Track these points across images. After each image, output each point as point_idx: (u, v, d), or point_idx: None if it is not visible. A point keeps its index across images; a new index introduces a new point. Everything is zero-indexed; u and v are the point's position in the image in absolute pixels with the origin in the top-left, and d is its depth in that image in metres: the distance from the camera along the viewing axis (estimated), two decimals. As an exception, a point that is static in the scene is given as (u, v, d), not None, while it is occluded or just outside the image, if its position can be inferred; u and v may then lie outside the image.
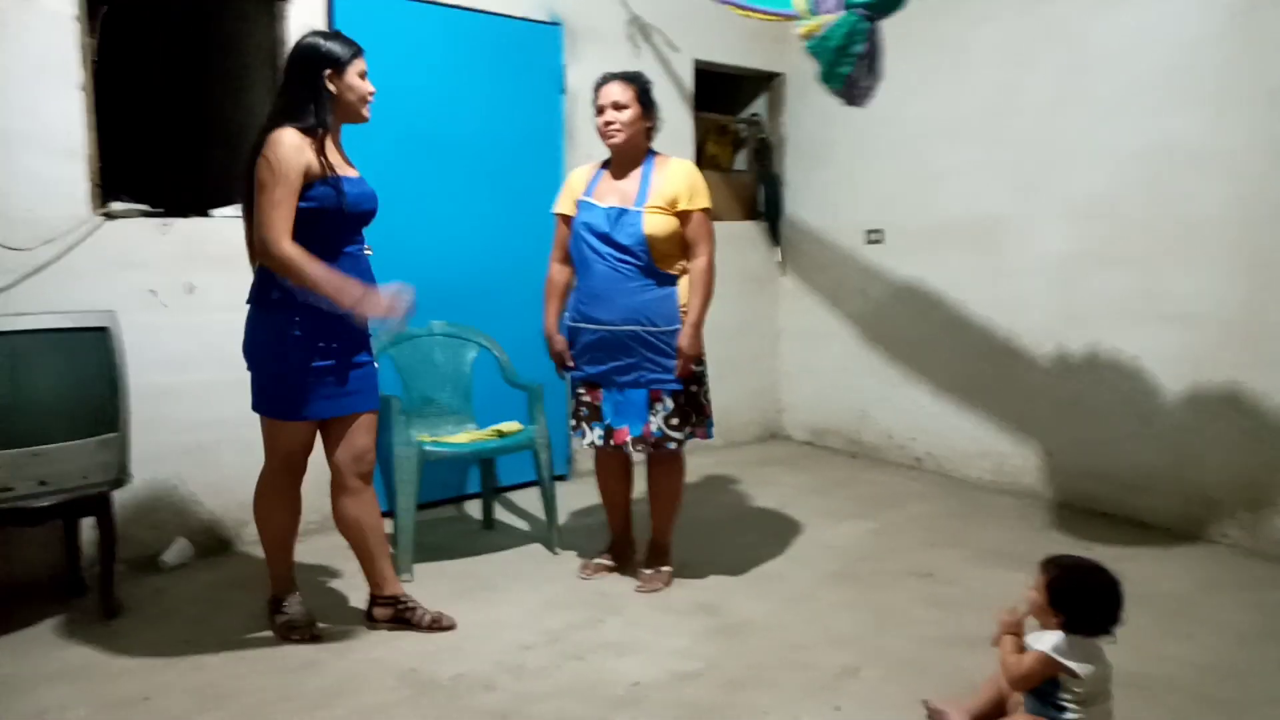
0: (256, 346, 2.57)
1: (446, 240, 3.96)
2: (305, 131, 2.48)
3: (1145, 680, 2.43)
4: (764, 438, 5.39)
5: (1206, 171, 3.47)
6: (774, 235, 5.30)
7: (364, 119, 2.65)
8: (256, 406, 2.63)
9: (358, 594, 2.98)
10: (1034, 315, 4.09)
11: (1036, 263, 4.06)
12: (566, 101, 4.29)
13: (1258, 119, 3.33)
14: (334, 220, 2.53)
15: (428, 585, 3.08)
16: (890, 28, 3.10)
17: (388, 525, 3.30)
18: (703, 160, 5.08)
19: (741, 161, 5.43)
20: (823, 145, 5.03)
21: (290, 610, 2.76)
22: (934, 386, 4.58)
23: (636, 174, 3.00)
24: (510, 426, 3.47)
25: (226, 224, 3.35)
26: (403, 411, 3.25)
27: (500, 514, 3.93)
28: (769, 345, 5.36)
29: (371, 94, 2.62)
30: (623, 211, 2.93)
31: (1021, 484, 4.20)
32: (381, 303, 2.48)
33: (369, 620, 2.83)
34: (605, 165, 3.09)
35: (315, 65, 2.52)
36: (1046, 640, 2.01)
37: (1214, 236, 3.47)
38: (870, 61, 3.17)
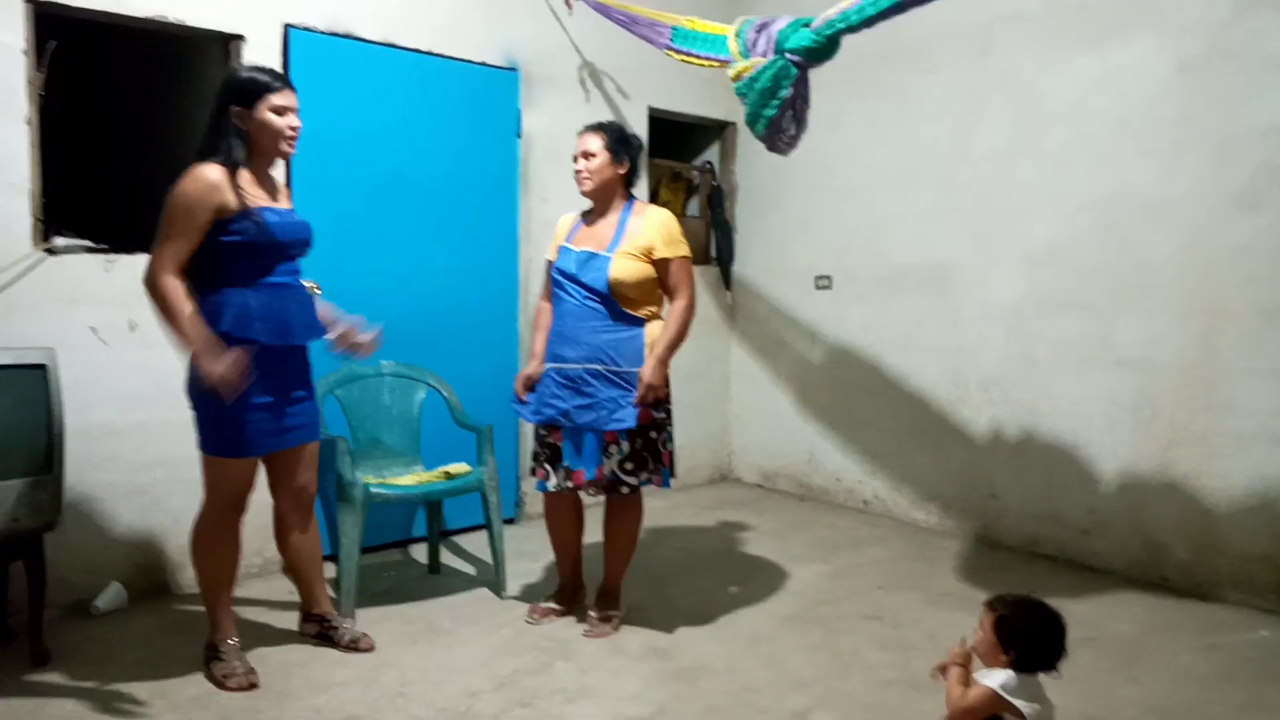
0: (196, 385, 2.52)
1: (399, 280, 3.94)
2: (224, 166, 2.47)
3: (1090, 721, 2.45)
4: (715, 480, 5.40)
5: (1158, 220, 3.58)
6: (725, 280, 5.36)
7: (283, 154, 2.63)
8: (202, 445, 2.59)
9: (297, 643, 2.91)
10: (985, 360, 4.17)
11: (987, 309, 4.15)
12: (522, 146, 4.32)
13: (1207, 169, 3.45)
14: (258, 252, 2.52)
15: (372, 630, 3.00)
16: (840, 76, 3.18)
17: (331, 568, 3.24)
18: (656, 205, 5.14)
19: (694, 207, 5.51)
20: (773, 192, 5.12)
21: (227, 657, 2.68)
22: (882, 430, 4.63)
23: (614, 220, 3.04)
24: (458, 468, 3.44)
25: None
26: (349, 453, 3.20)
27: (447, 558, 3.86)
28: (720, 388, 5.40)
29: (292, 129, 2.58)
30: (593, 255, 2.97)
31: (967, 528, 4.25)
32: (216, 369, 2.37)
33: (299, 632, 2.98)
34: (587, 213, 3.14)
35: (224, 100, 2.52)
36: (994, 678, 2.02)
37: (1165, 283, 3.57)
38: (796, 109, 3.24)
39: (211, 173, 2.44)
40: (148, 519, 3.34)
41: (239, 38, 3.50)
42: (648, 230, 2.99)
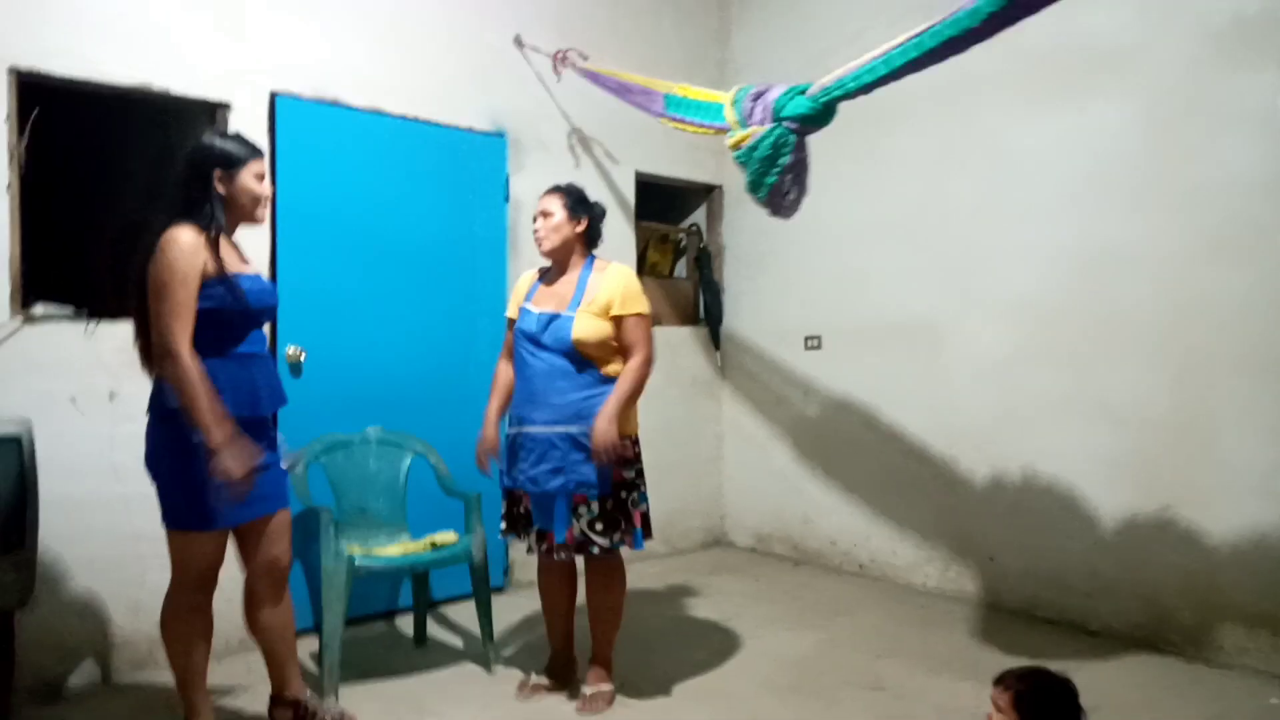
0: (159, 458, 2.44)
1: (386, 346, 3.90)
2: (200, 230, 2.41)
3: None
4: (708, 544, 5.30)
5: (1131, 272, 3.61)
6: (714, 341, 5.34)
7: (256, 221, 2.59)
8: (167, 520, 2.46)
9: (280, 721, 2.79)
10: (970, 417, 4.14)
11: (971, 364, 4.14)
12: (510, 210, 4.32)
13: (1176, 221, 3.48)
14: (230, 319, 2.45)
15: (356, 707, 2.89)
16: (824, 137, 3.19)
17: (314, 642, 3.14)
18: (644, 268, 5.15)
19: (682, 269, 5.51)
20: (760, 254, 5.13)
21: None
22: (875, 492, 4.57)
23: (574, 279, 3.01)
24: (445, 537, 3.35)
25: (155, 328, 3.24)
26: (334, 522, 3.12)
27: (435, 630, 3.75)
28: (712, 450, 5.34)
29: (266, 197, 2.56)
30: (555, 316, 2.94)
31: (966, 590, 4.17)
32: (238, 468, 2.30)
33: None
34: (546, 272, 3.11)
35: (206, 165, 2.48)
36: (1006, 752, 1.95)
37: (1141, 335, 3.58)
38: (796, 174, 3.25)
39: (192, 235, 2.38)
40: (125, 594, 3.23)
41: (226, 106, 3.50)
42: (606, 287, 2.95)
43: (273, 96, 3.60)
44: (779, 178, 3.23)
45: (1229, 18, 3.35)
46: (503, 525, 3.08)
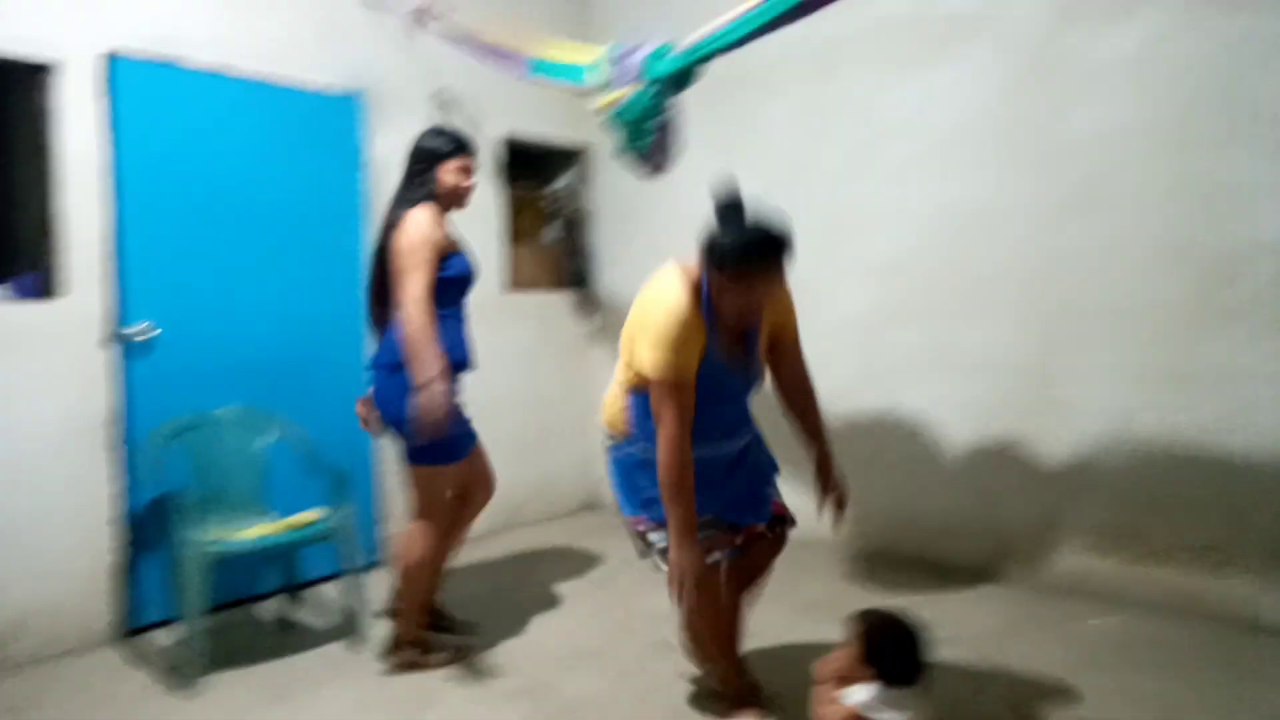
0: (398, 405, 2.80)
1: (239, 319, 3.72)
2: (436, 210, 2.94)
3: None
4: (584, 507, 5.33)
5: (988, 231, 3.77)
6: (586, 305, 5.32)
7: (460, 207, 3.07)
8: (415, 459, 2.89)
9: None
10: (838, 373, 4.25)
11: (838, 323, 4.25)
12: (370, 174, 4.17)
13: (1030, 181, 3.65)
14: (458, 286, 2.98)
15: (225, 697, 2.80)
16: (693, 100, 3.20)
17: (174, 631, 3.01)
18: (514, 231, 5.06)
19: (552, 233, 5.45)
20: (631, 216, 5.13)
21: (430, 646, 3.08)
22: (748, 448, 4.67)
23: None
24: (309, 516, 3.24)
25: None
26: (190, 506, 2.99)
27: (305, 611, 3.65)
28: (584, 415, 5.34)
29: (464, 188, 3.03)
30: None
31: (834, 535, 4.32)
32: (438, 407, 2.71)
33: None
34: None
35: (423, 159, 3.00)
36: (856, 695, 2.04)
37: (997, 291, 3.76)
38: (666, 135, 3.25)
39: (429, 214, 2.90)
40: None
41: (52, 67, 3.24)
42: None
43: (108, 56, 3.35)
44: (649, 139, 3.23)
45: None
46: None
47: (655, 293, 2.40)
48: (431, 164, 2.97)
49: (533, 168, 5.35)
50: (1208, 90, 3.25)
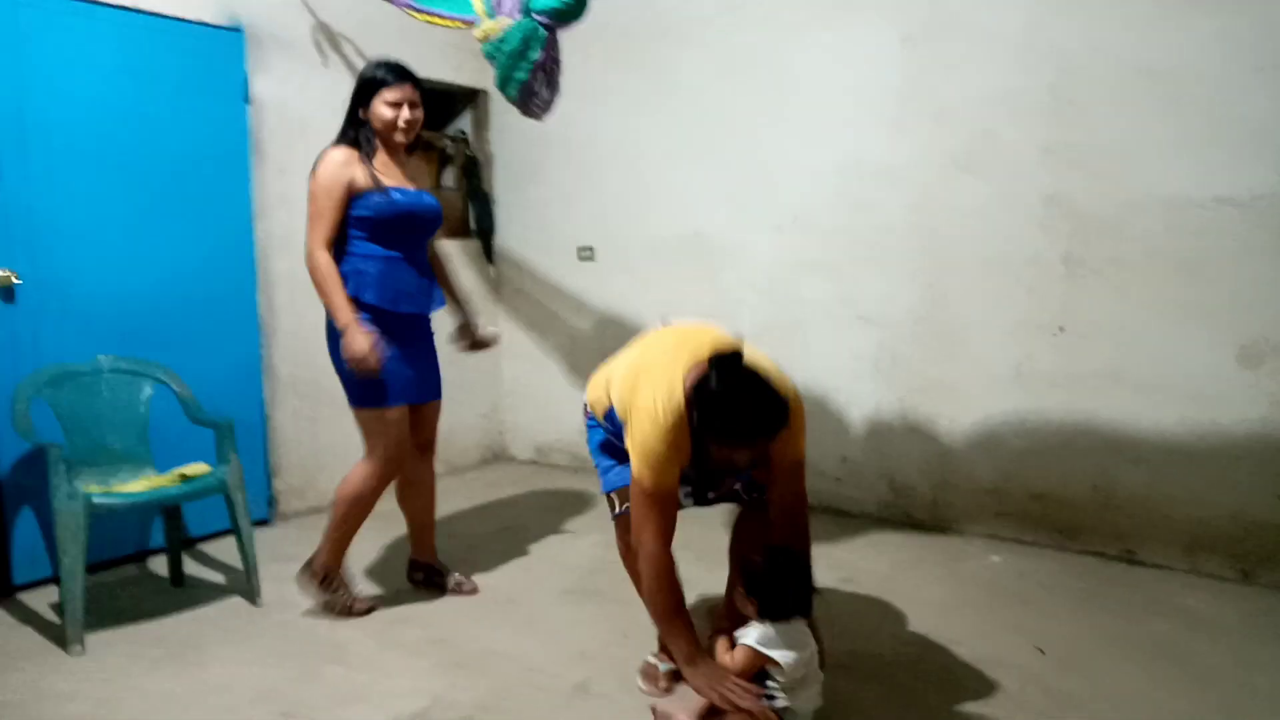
0: (332, 350, 2.86)
1: (116, 265, 3.50)
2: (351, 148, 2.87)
3: (855, 659, 2.59)
4: (488, 460, 5.27)
5: (888, 184, 3.83)
6: (487, 254, 5.22)
7: (396, 144, 2.95)
8: (352, 400, 2.90)
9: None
10: (743, 324, 4.29)
11: (744, 275, 4.29)
12: (253, 114, 3.95)
13: (927, 136, 3.72)
14: (381, 225, 2.86)
15: (108, 654, 2.67)
16: (602, 50, 3.14)
17: (53, 592, 2.86)
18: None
19: (449, 179, 5.30)
20: (533, 163, 5.02)
21: (340, 589, 3.03)
22: (651, 397, 4.68)
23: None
24: (196, 469, 3.10)
25: None
26: (64, 460, 2.81)
27: (193, 568, 3.51)
28: (488, 366, 5.25)
29: (395, 121, 2.89)
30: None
31: (736, 485, 4.39)
32: (358, 348, 2.72)
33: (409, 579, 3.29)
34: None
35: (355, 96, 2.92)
36: (751, 634, 2.08)
37: (897, 243, 3.84)
38: (548, 72, 3.17)
39: (341, 153, 2.84)
40: None
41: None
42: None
43: (-50, -26, 3.06)
44: (529, 74, 3.15)
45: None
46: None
47: (650, 395, 2.18)
48: (367, 96, 2.88)
49: (427, 110, 5.16)
50: (1087, 53, 3.35)
